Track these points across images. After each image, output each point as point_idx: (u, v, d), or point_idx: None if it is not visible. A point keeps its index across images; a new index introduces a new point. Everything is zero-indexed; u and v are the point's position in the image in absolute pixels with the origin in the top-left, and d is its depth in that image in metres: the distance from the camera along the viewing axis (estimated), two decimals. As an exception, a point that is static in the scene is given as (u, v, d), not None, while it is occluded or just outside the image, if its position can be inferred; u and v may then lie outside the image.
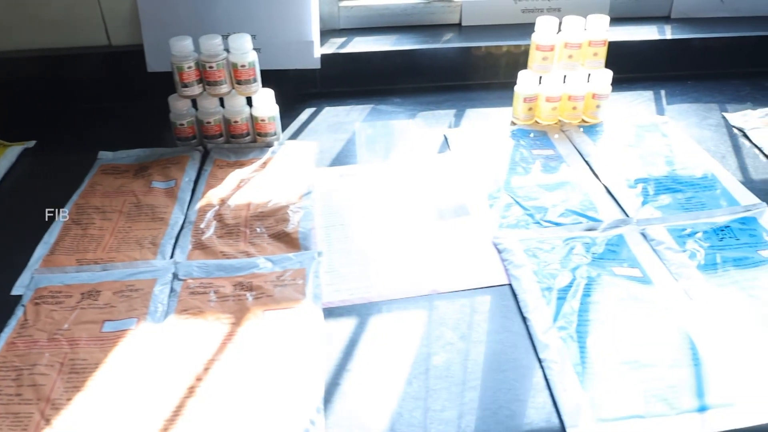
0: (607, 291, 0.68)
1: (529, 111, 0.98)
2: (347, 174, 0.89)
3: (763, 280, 0.70)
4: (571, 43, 0.92)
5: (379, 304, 0.69)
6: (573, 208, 0.80)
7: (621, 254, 0.73)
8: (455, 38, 1.12)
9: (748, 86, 1.11)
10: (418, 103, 1.06)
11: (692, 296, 0.68)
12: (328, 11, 1.13)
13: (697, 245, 0.74)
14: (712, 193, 0.84)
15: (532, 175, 0.87)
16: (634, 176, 0.86)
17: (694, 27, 1.17)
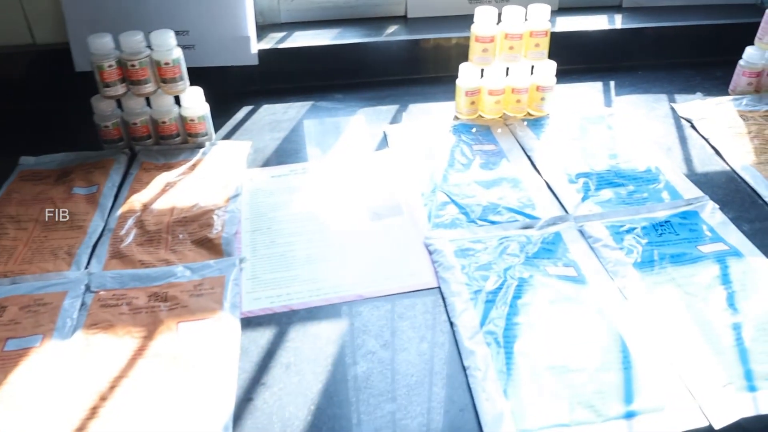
0: (539, 292, 0.65)
1: (472, 105, 0.94)
2: (279, 174, 0.85)
3: (700, 277, 0.67)
4: (511, 34, 0.89)
5: (301, 312, 0.65)
6: (510, 206, 0.77)
7: (557, 253, 0.71)
8: (400, 31, 1.09)
9: (698, 76, 1.08)
10: (360, 99, 1.03)
11: (627, 296, 0.66)
12: (268, 5, 1.09)
13: (635, 242, 0.71)
14: (654, 186, 0.81)
15: (471, 172, 0.84)
16: (576, 171, 0.83)
17: (646, 16, 1.14)
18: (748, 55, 0.99)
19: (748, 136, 0.91)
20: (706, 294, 0.65)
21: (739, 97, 1.00)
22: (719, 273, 0.67)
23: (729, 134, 0.91)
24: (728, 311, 0.63)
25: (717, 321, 0.62)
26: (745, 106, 0.98)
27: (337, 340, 0.62)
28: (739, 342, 0.60)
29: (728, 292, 0.65)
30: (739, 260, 0.69)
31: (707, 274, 0.67)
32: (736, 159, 0.86)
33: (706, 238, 0.72)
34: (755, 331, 0.61)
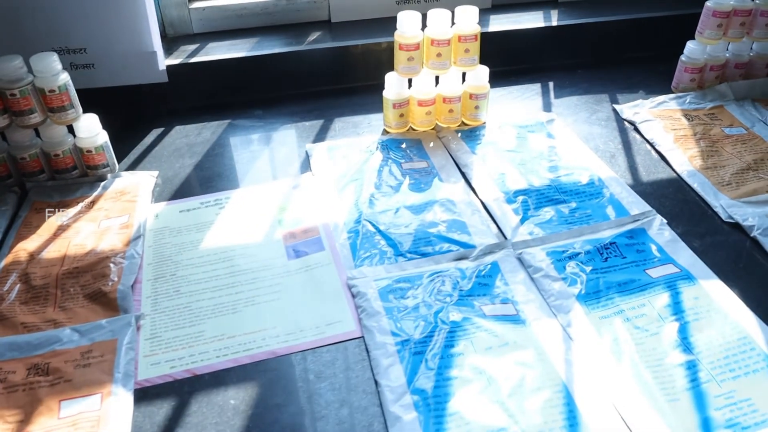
0: (475, 338, 0.58)
1: (401, 118, 0.87)
2: (189, 208, 0.76)
3: (649, 308, 0.61)
4: (437, 40, 0.81)
5: (205, 378, 0.57)
6: (443, 234, 0.70)
7: (493, 288, 0.64)
8: (324, 37, 1.00)
9: (640, 72, 1.03)
10: (282, 115, 0.94)
11: (572, 335, 0.59)
12: (177, 15, 0.99)
13: (579, 269, 0.65)
14: (598, 201, 0.75)
15: (400, 195, 0.76)
16: (515, 188, 0.77)
17: (583, 11, 1.08)
18: (689, 50, 0.93)
19: (693, 138, 0.85)
20: (657, 327, 0.59)
21: (683, 95, 0.94)
22: (670, 301, 0.61)
23: (674, 137, 0.86)
24: (680, 347, 0.57)
25: (669, 360, 0.56)
26: (689, 104, 0.93)
27: (246, 410, 0.54)
28: (695, 384, 0.54)
29: (680, 323, 0.59)
30: (690, 285, 0.63)
31: (657, 303, 0.61)
32: (682, 165, 0.81)
33: (655, 260, 0.66)
34: (711, 369, 0.55)
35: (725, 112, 0.91)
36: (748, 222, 0.71)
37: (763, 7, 0.90)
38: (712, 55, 0.94)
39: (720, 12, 0.89)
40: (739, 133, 0.87)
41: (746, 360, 0.56)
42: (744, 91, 0.94)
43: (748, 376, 0.55)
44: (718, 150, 0.83)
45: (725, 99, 0.94)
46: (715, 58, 0.94)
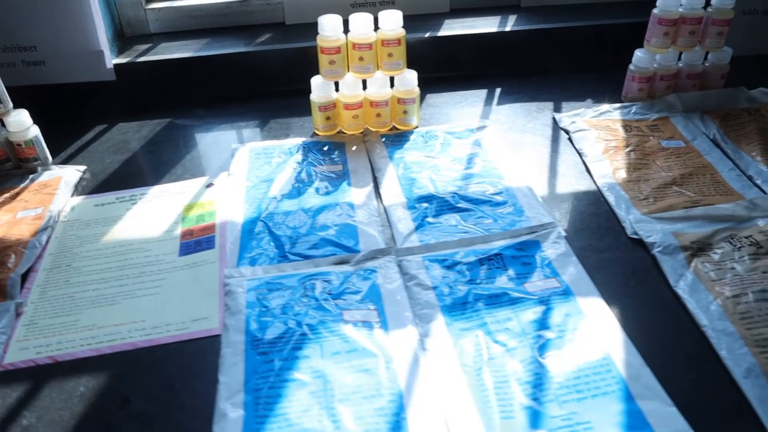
0: (326, 342, 0.58)
1: (328, 121, 0.87)
2: (104, 203, 0.79)
3: (515, 323, 0.59)
4: (359, 44, 0.81)
5: (65, 365, 0.59)
6: (331, 237, 0.70)
7: (365, 293, 0.63)
8: (274, 39, 1.02)
9: (594, 81, 0.99)
10: (222, 115, 0.96)
11: (426, 346, 0.58)
12: (134, 15, 1.03)
13: (454, 279, 0.64)
14: (502, 211, 0.73)
15: (305, 198, 0.76)
16: (419, 194, 0.76)
17: (545, 16, 1.05)
18: (636, 58, 0.90)
19: (624, 150, 0.82)
20: (516, 343, 0.57)
21: (629, 105, 0.91)
22: (538, 317, 0.59)
23: (604, 148, 0.83)
24: (533, 365, 0.55)
25: (517, 377, 0.54)
26: (634, 115, 0.89)
27: (91, 398, 0.56)
28: (536, 403, 0.52)
29: (542, 341, 0.57)
30: (565, 301, 0.61)
31: (524, 318, 0.59)
32: (604, 177, 0.78)
33: (537, 274, 0.64)
34: (557, 389, 0.53)
35: (669, 124, 0.87)
36: (650, 239, 0.68)
37: (714, 16, 0.86)
38: (662, 64, 0.90)
39: (666, 20, 0.86)
40: (677, 146, 0.83)
41: (599, 382, 0.54)
42: (694, 102, 0.90)
43: (596, 398, 0.53)
44: (647, 163, 0.80)
45: (673, 110, 0.90)
46: (665, 67, 0.90)
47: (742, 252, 0.66)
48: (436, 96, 0.97)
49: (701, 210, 0.71)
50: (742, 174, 0.78)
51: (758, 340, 0.57)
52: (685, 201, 0.73)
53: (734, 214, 0.70)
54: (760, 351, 0.56)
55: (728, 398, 0.54)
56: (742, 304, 0.60)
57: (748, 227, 0.69)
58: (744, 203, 0.71)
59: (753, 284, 0.62)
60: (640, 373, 0.55)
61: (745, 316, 0.59)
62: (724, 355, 0.56)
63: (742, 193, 0.75)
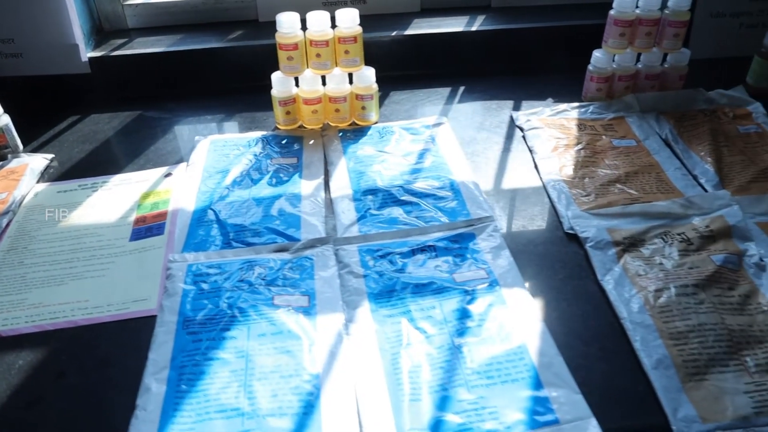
0: (254, 325, 0.60)
1: (288, 115, 0.89)
2: (67, 189, 0.82)
3: (438, 311, 0.61)
4: (316, 41, 0.83)
5: (8, 340, 0.62)
6: (274, 226, 0.72)
7: (299, 280, 0.65)
8: (246, 35, 1.04)
9: (558, 80, 1.00)
10: (192, 109, 0.99)
11: (349, 331, 0.60)
12: (112, 10, 1.06)
13: (385, 269, 0.66)
14: (444, 205, 0.75)
15: (256, 188, 0.79)
16: (366, 187, 0.78)
17: (514, 17, 1.07)
18: (595, 59, 0.91)
19: (575, 148, 0.83)
20: (437, 330, 0.59)
21: (587, 105, 0.92)
22: (461, 306, 0.61)
23: (555, 146, 0.84)
24: (449, 352, 0.57)
25: (433, 362, 0.56)
26: (591, 114, 0.91)
27: (28, 371, 0.59)
28: (446, 387, 0.54)
29: (461, 328, 0.59)
30: (490, 292, 0.63)
31: (448, 307, 0.61)
32: (550, 174, 0.79)
33: (468, 265, 0.66)
34: (468, 374, 0.55)
35: (623, 124, 0.88)
36: (585, 234, 0.70)
37: (671, 18, 0.87)
38: (621, 65, 0.91)
39: (621, 21, 0.87)
40: (628, 145, 0.84)
41: (510, 369, 0.56)
42: (652, 103, 0.91)
43: (505, 384, 0.54)
44: (596, 161, 0.81)
45: (630, 110, 0.91)
46: (624, 68, 0.91)
47: (673, 248, 0.67)
48: (400, 93, 0.99)
49: (638, 207, 0.72)
50: (687, 173, 0.79)
51: (673, 333, 0.58)
52: (625, 198, 0.74)
53: (670, 212, 0.72)
54: (674, 343, 0.57)
55: (636, 388, 0.55)
56: (663, 298, 0.61)
57: (683, 225, 0.70)
58: (680, 201, 0.72)
59: (677, 279, 0.63)
60: (552, 362, 0.56)
61: (664, 309, 0.60)
62: (637, 346, 0.58)
63: (683, 192, 0.76)
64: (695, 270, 0.64)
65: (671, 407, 0.53)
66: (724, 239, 0.68)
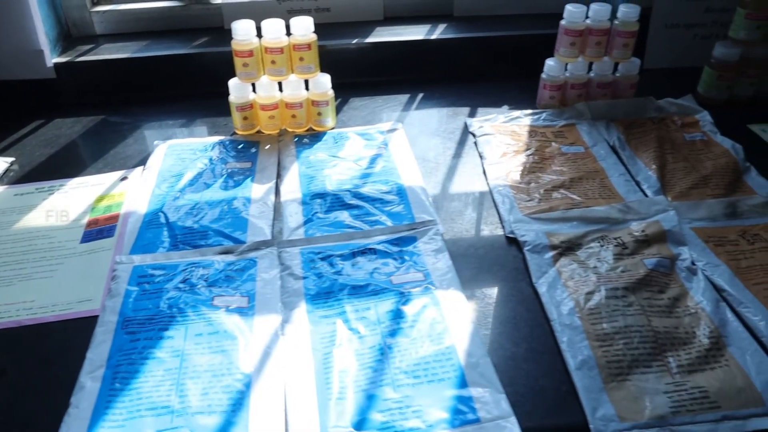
0: (192, 325, 0.62)
1: (246, 121, 0.91)
2: (24, 192, 0.84)
3: (373, 311, 0.62)
4: (270, 48, 0.85)
5: (-48, 339, 0.63)
6: (222, 229, 0.74)
7: (240, 281, 0.67)
8: (211, 42, 1.06)
9: (516, 87, 1.02)
10: (155, 114, 1.00)
11: (285, 330, 0.61)
12: (79, 16, 1.08)
13: (324, 270, 0.67)
14: (390, 209, 0.76)
15: (208, 192, 0.80)
16: (316, 191, 0.79)
17: (473, 25, 1.09)
18: (548, 67, 0.93)
19: (524, 154, 0.85)
20: (369, 331, 0.61)
21: (540, 112, 0.94)
22: (395, 307, 0.63)
23: (504, 151, 0.86)
24: (379, 352, 0.58)
25: (363, 362, 0.58)
26: (543, 121, 0.92)
27: (-30, 371, 0.60)
28: (373, 387, 0.56)
29: (394, 328, 0.61)
30: (426, 294, 0.64)
31: (382, 308, 0.63)
32: (497, 179, 0.81)
33: (407, 268, 0.67)
34: (395, 374, 0.56)
35: (574, 131, 0.90)
36: (524, 238, 0.71)
37: (620, 28, 0.89)
38: (573, 73, 0.93)
39: (572, 30, 0.89)
40: (576, 152, 0.86)
41: (437, 369, 0.57)
42: (602, 111, 0.93)
43: (431, 384, 0.56)
44: (543, 167, 0.83)
45: (582, 118, 0.93)
46: (576, 76, 0.93)
47: (608, 252, 0.69)
48: (359, 99, 1.01)
49: (578, 212, 0.74)
50: (631, 179, 0.81)
51: (599, 334, 0.60)
52: (567, 203, 0.76)
53: (608, 217, 0.73)
54: (599, 345, 0.59)
55: (559, 388, 0.57)
56: (593, 300, 0.63)
57: (621, 229, 0.72)
58: (618, 206, 0.74)
59: (608, 282, 0.64)
60: (479, 362, 0.58)
61: (593, 312, 0.62)
62: (564, 347, 0.59)
63: (625, 197, 0.77)
64: (627, 273, 0.66)
65: (591, 406, 0.54)
66: (659, 243, 0.70)
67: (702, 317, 0.62)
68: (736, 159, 0.83)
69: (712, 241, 0.71)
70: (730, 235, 0.72)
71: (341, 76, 1.01)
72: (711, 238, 0.71)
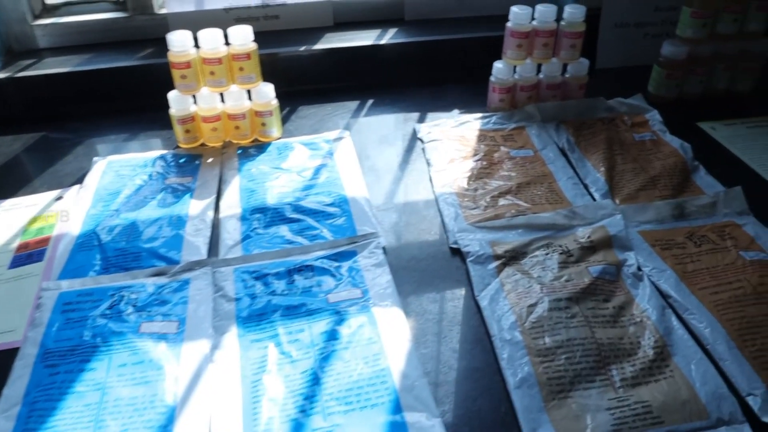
0: (117, 355, 0.59)
1: (188, 133, 0.88)
2: (-46, 216, 0.80)
3: (307, 333, 0.60)
4: (208, 59, 0.82)
5: None
6: (156, 249, 0.71)
7: (172, 305, 0.64)
8: (156, 53, 1.03)
9: (468, 91, 1.00)
10: (97, 129, 0.97)
11: (214, 357, 0.59)
12: (20, 30, 1.04)
13: (257, 290, 0.65)
14: (332, 222, 0.74)
15: (145, 210, 0.77)
16: (255, 205, 0.77)
17: (424, 29, 1.07)
18: (496, 70, 0.91)
19: (472, 160, 0.83)
20: (302, 354, 0.58)
21: (490, 115, 0.92)
22: (330, 328, 0.60)
23: (451, 158, 0.84)
24: (311, 377, 0.56)
25: (291, 388, 0.55)
26: (493, 125, 0.90)
27: None
28: (302, 415, 0.53)
29: (327, 352, 0.58)
30: (363, 312, 0.62)
31: (316, 329, 0.60)
32: (443, 186, 0.79)
33: (344, 285, 0.65)
34: (326, 401, 0.54)
35: (523, 134, 0.88)
36: (467, 248, 0.69)
37: (566, 29, 0.87)
38: (522, 75, 0.91)
39: (518, 32, 0.87)
40: (525, 156, 0.84)
41: (371, 394, 0.55)
42: (552, 112, 0.91)
43: (364, 410, 0.53)
44: (491, 172, 0.81)
45: (531, 120, 0.91)
46: (525, 78, 0.91)
47: (553, 260, 0.67)
48: (308, 108, 0.98)
49: (523, 219, 0.72)
50: (579, 182, 0.79)
51: (541, 349, 0.58)
52: (513, 210, 0.74)
53: (554, 223, 0.71)
54: (540, 360, 0.57)
55: (498, 408, 0.55)
56: (536, 313, 0.61)
57: (566, 236, 0.70)
58: (564, 212, 0.72)
59: (552, 293, 0.62)
60: (414, 385, 0.55)
61: (535, 325, 0.60)
62: (503, 365, 0.57)
63: (572, 202, 0.76)
64: (571, 283, 0.64)
65: (530, 428, 0.52)
66: (605, 249, 0.68)
67: (647, 326, 0.60)
68: (685, 158, 0.81)
69: (658, 245, 0.69)
70: (678, 237, 0.70)
71: (290, 83, 0.99)
72: (658, 242, 0.70)
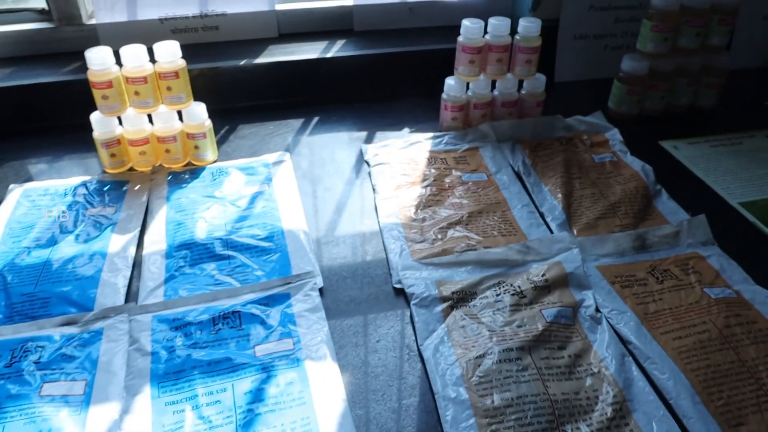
0: (12, 424, 0.52)
1: (114, 158, 0.81)
2: None
3: (230, 393, 0.54)
4: (132, 78, 0.75)
5: None
6: (68, 293, 0.64)
7: (81, 361, 0.57)
8: (84, 68, 0.95)
9: (419, 108, 0.95)
10: (17, 152, 0.89)
11: (123, 424, 0.52)
12: (-66, 43, 0.95)
13: (177, 343, 0.58)
14: (267, 258, 0.68)
15: (59, 247, 0.70)
16: (182, 240, 0.70)
17: (374, 41, 1.01)
18: (448, 87, 0.85)
19: (420, 186, 0.77)
20: (223, 419, 0.52)
21: (442, 135, 0.86)
22: (257, 386, 0.54)
23: (398, 184, 0.78)
24: (229, 445, 0.50)
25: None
26: (445, 145, 0.85)
27: None
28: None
29: (251, 415, 0.52)
30: (293, 367, 0.56)
31: (240, 388, 0.54)
32: (389, 217, 0.73)
33: (274, 335, 0.59)
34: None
35: (477, 155, 0.83)
36: (411, 289, 0.63)
37: (521, 44, 0.82)
38: (475, 92, 0.86)
39: (469, 47, 0.81)
40: (478, 180, 0.78)
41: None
42: (508, 131, 0.86)
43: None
44: (441, 200, 0.75)
45: (486, 140, 0.85)
46: (479, 96, 0.86)
47: (504, 302, 0.61)
48: (248, 126, 0.92)
49: (473, 255, 0.66)
50: (535, 210, 0.74)
51: (488, 409, 0.52)
52: (463, 244, 0.68)
53: (507, 259, 0.66)
54: (488, 422, 0.51)
55: (438, 478, 0.49)
56: (484, 365, 0.55)
57: (519, 273, 0.65)
58: (517, 247, 0.67)
59: (502, 341, 0.57)
60: (347, 453, 0.49)
61: (483, 380, 0.54)
62: (446, 428, 0.52)
63: (527, 233, 0.70)
64: (523, 329, 0.58)
65: (474, 501, 0.47)
66: (560, 289, 0.63)
67: (605, 377, 0.55)
68: (646, 182, 0.77)
69: (618, 282, 0.64)
70: (639, 272, 0.65)
71: (231, 100, 0.93)
72: (618, 278, 0.65)
